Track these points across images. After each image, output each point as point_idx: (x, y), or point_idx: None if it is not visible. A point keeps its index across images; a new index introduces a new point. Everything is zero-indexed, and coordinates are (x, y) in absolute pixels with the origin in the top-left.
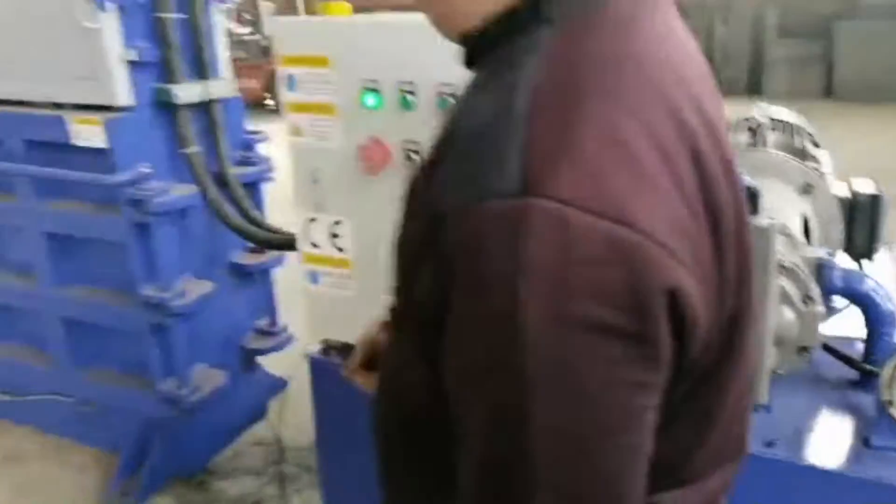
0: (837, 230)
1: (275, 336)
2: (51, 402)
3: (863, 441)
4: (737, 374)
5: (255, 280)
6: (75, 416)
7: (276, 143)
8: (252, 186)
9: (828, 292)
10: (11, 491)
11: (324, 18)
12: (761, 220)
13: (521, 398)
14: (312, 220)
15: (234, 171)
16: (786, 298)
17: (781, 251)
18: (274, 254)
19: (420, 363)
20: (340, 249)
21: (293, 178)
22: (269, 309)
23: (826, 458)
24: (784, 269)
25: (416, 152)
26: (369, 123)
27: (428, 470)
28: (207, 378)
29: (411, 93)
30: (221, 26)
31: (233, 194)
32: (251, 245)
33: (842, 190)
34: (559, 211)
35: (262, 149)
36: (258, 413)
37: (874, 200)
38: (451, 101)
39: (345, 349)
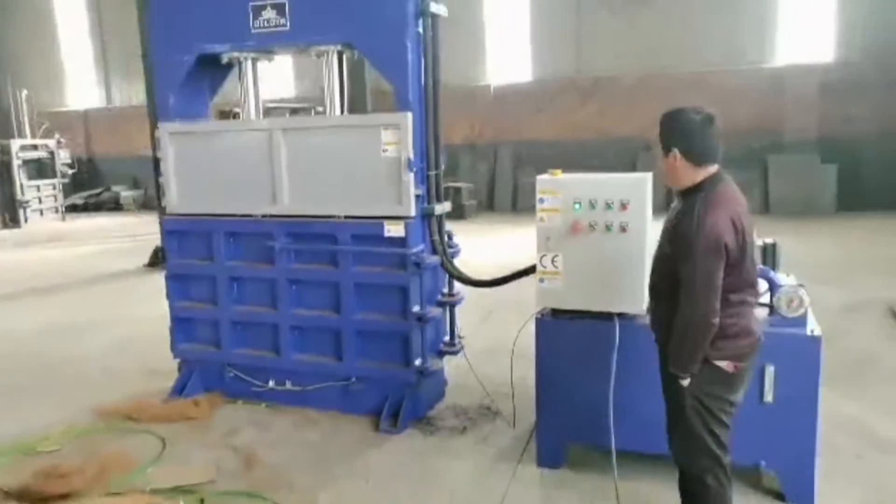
0: (759, 259)
1: (454, 345)
2: (328, 388)
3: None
4: (746, 259)
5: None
6: (346, 395)
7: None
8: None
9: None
10: (309, 445)
11: (553, 177)
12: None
13: (694, 269)
14: (544, 255)
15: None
16: None
17: None
18: (457, 296)
19: (671, 272)
20: (556, 266)
21: (537, 242)
22: (452, 328)
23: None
24: None
25: (593, 226)
26: (576, 217)
27: (673, 300)
28: (432, 361)
29: (592, 204)
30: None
31: (448, 261)
32: (444, 291)
33: (759, 243)
34: (708, 225)
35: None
36: (443, 387)
37: (774, 245)
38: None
39: (557, 313)
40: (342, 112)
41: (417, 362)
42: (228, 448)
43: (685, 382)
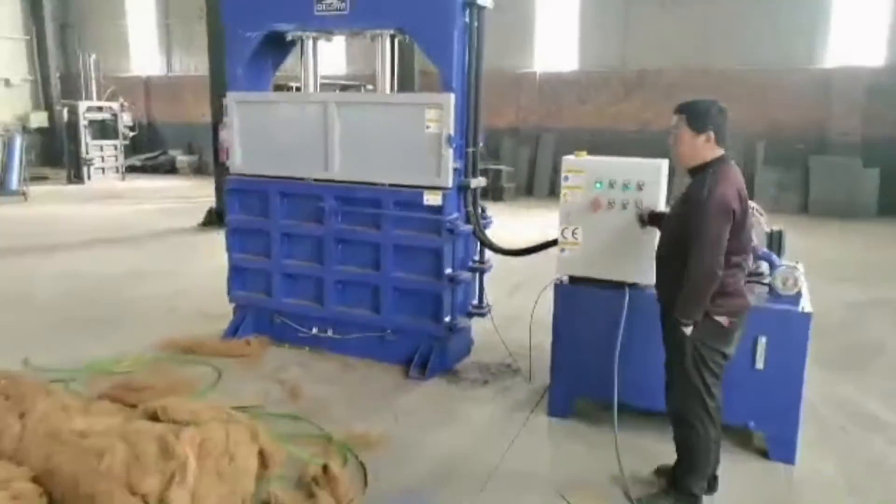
0: (764, 242)
1: (482, 308)
2: (365, 337)
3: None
4: (746, 227)
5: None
6: (381, 344)
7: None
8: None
9: (758, 256)
10: (347, 384)
11: (578, 157)
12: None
13: (706, 232)
14: (565, 228)
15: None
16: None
17: None
18: (487, 264)
19: (681, 234)
20: (576, 238)
21: (560, 216)
22: (480, 293)
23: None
24: None
25: (611, 204)
26: (596, 194)
27: (679, 262)
28: (460, 320)
29: (611, 184)
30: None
31: (480, 230)
32: (475, 259)
33: (767, 227)
34: (718, 195)
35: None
36: (470, 345)
37: (780, 233)
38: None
39: (574, 280)
40: (391, 90)
41: (447, 319)
42: (276, 381)
43: (688, 331)
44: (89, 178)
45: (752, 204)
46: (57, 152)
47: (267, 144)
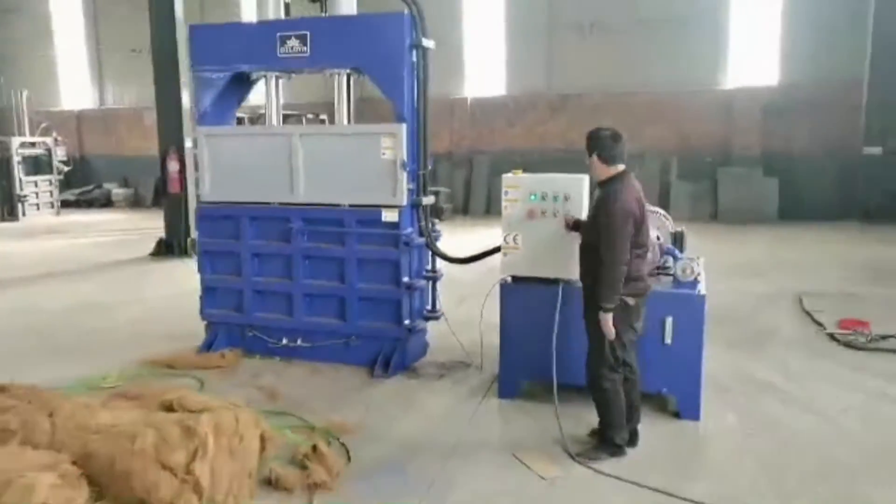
0: (669, 241)
1: (435, 312)
2: (333, 344)
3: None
4: (644, 226)
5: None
6: (347, 349)
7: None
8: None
9: (664, 252)
10: (319, 385)
11: (516, 175)
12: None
13: (613, 232)
14: (507, 235)
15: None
16: (651, 248)
17: (652, 239)
18: (438, 273)
19: (595, 235)
20: (517, 243)
21: (502, 225)
22: (433, 299)
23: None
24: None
25: (544, 213)
26: (531, 205)
27: (595, 257)
28: (417, 322)
29: (543, 196)
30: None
31: (432, 242)
32: (428, 269)
33: (672, 229)
34: (619, 203)
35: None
36: (426, 347)
37: (682, 233)
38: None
39: (516, 279)
40: (349, 121)
41: (406, 322)
42: (254, 387)
43: (609, 316)
44: (24, 214)
45: (658, 209)
46: None
47: (235, 173)
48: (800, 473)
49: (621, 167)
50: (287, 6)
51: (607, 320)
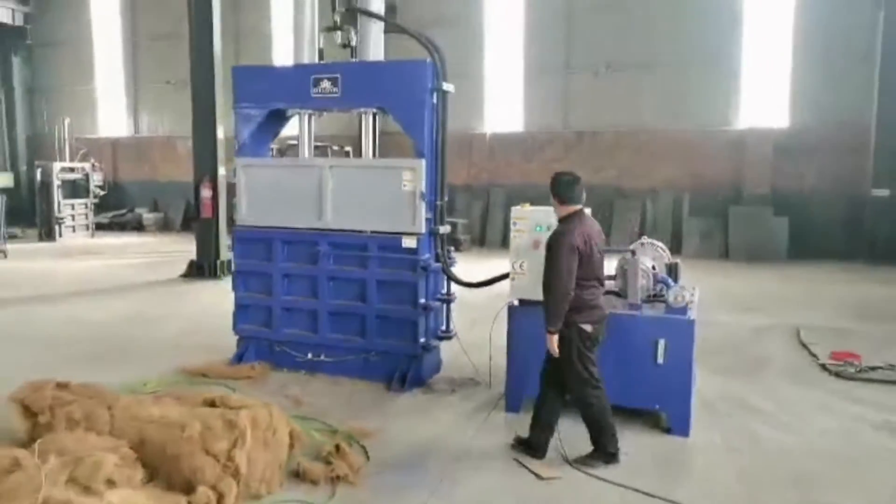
0: (665, 271)
1: (449, 333)
2: (353, 359)
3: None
4: (592, 259)
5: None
6: (366, 365)
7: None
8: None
9: (657, 280)
10: (340, 396)
11: (523, 208)
12: (646, 261)
13: (558, 263)
14: (515, 262)
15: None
16: (646, 277)
17: (648, 269)
18: (452, 296)
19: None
20: (523, 270)
21: (511, 253)
22: (447, 320)
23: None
24: (648, 271)
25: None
26: (537, 236)
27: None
28: (432, 341)
29: (548, 228)
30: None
31: (447, 267)
32: (443, 292)
33: (668, 260)
34: (566, 238)
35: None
36: (439, 364)
37: (676, 265)
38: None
39: (522, 303)
40: (373, 155)
41: (422, 340)
42: (281, 395)
43: (555, 338)
44: (60, 235)
45: (655, 242)
46: (22, 212)
47: (270, 200)
48: (773, 482)
49: (577, 207)
50: (321, 51)
51: (552, 341)
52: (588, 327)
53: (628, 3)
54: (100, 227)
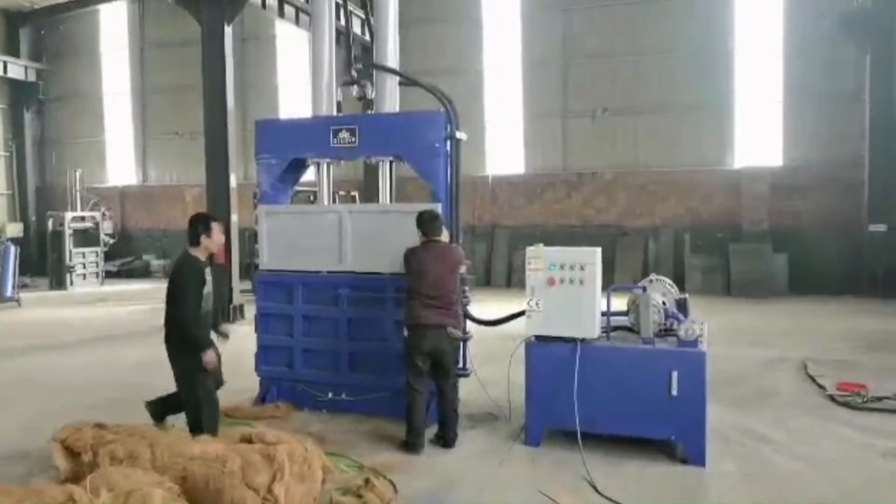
0: (674, 306)
1: (466, 370)
2: (373, 398)
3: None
4: (417, 281)
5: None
6: (386, 402)
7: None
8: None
9: (668, 315)
10: (363, 433)
11: (538, 248)
12: (656, 297)
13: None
14: (530, 299)
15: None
16: (657, 312)
17: (659, 304)
18: (469, 334)
19: None
20: (539, 307)
21: (528, 292)
22: (464, 357)
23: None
24: (659, 306)
25: (562, 280)
26: (551, 274)
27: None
28: None
29: (562, 266)
30: None
31: (463, 306)
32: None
33: (677, 296)
34: (406, 255)
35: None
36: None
37: (685, 299)
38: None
39: (539, 338)
40: (391, 200)
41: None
42: (305, 433)
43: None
44: (71, 283)
45: (664, 278)
46: (32, 261)
47: (291, 245)
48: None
49: (433, 238)
50: (339, 104)
51: None
52: (405, 331)
53: (620, 50)
54: (109, 274)
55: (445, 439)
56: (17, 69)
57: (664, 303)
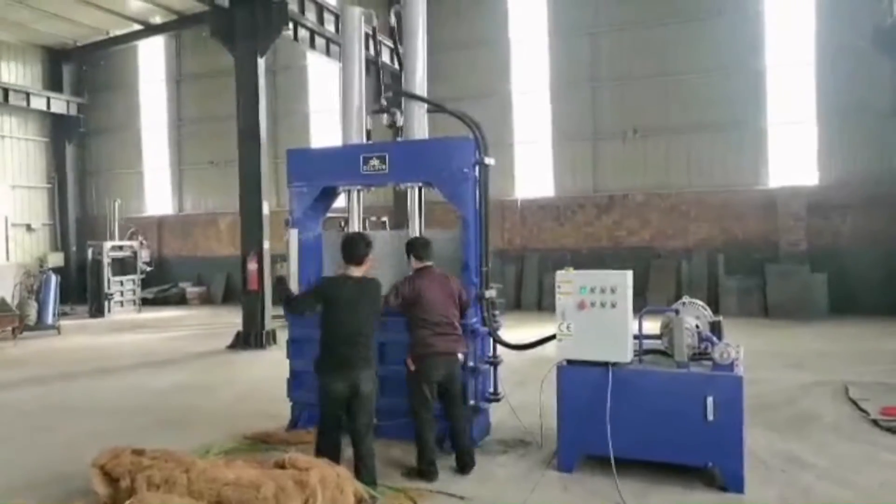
0: (708, 329)
1: (497, 395)
2: (405, 423)
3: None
4: (420, 304)
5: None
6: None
7: None
8: None
9: (702, 338)
10: (393, 458)
11: (568, 272)
12: (689, 320)
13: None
14: (561, 323)
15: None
16: (691, 335)
17: (692, 327)
18: (499, 358)
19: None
20: (570, 331)
21: (558, 316)
22: (495, 383)
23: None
24: (692, 329)
25: (593, 304)
26: (581, 297)
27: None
28: (481, 403)
29: (592, 290)
30: None
31: (493, 331)
32: (490, 355)
33: (711, 318)
34: (400, 286)
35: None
36: (489, 426)
37: (719, 322)
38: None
39: (570, 362)
40: (421, 226)
41: (472, 402)
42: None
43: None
44: (109, 311)
45: (697, 301)
46: (71, 289)
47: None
48: None
49: (427, 263)
50: (368, 132)
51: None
52: (409, 363)
53: (649, 71)
54: (145, 301)
55: (462, 464)
56: (59, 104)
57: (697, 326)
